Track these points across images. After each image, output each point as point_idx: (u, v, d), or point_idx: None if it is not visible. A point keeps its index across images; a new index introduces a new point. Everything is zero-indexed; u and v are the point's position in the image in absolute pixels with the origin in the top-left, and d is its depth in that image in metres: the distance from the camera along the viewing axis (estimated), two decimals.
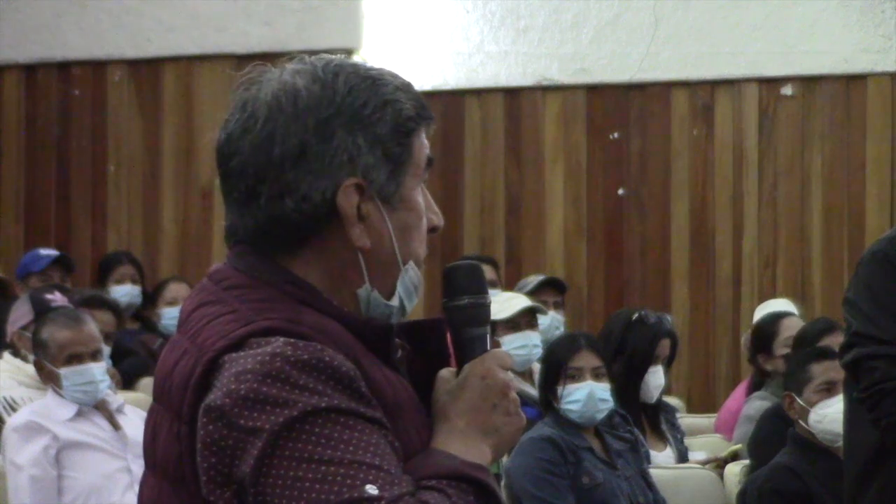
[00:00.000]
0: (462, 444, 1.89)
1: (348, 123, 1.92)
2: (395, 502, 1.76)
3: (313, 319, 1.88)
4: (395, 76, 1.98)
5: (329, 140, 1.92)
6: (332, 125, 1.92)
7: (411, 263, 1.97)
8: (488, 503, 1.86)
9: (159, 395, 1.95)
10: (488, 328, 2.00)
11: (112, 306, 6.85)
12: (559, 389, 5.22)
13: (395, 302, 1.96)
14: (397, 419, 1.87)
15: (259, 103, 1.94)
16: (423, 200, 1.99)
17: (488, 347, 1.98)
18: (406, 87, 1.97)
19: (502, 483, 5.16)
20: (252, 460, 1.77)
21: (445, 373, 1.98)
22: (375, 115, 1.93)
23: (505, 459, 5.21)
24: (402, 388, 1.92)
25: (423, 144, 1.98)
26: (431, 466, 1.85)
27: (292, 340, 1.82)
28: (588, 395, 5.19)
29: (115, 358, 6.53)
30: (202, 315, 1.92)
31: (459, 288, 2.00)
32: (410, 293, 1.98)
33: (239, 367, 1.81)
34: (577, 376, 5.23)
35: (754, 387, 6.64)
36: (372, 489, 1.75)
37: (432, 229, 2.00)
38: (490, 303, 2.03)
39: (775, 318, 6.70)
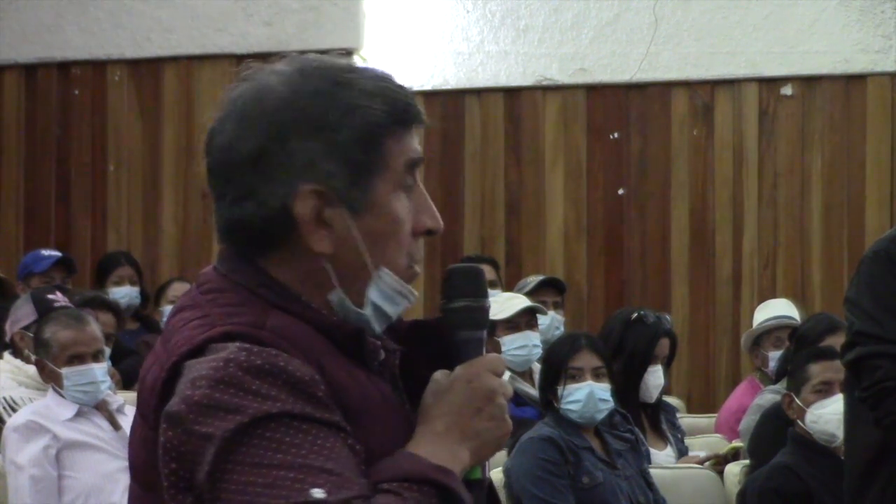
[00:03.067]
0: (436, 446, 1.87)
1: (307, 129, 1.90)
2: None
3: (279, 323, 1.87)
4: (377, 79, 1.94)
5: (286, 145, 1.90)
6: (290, 130, 1.90)
7: (385, 270, 1.93)
8: None
9: (137, 400, 1.96)
10: (484, 332, 1.99)
11: (113, 307, 6.86)
12: (559, 389, 5.21)
13: (367, 310, 1.94)
14: (363, 421, 1.86)
15: (235, 104, 1.94)
16: (405, 205, 1.95)
17: (483, 351, 1.97)
18: (384, 90, 1.92)
19: (502, 483, 5.16)
20: (207, 466, 1.77)
21: (439, 374, 1.96)
22: (338, 120, 1.90)
23: (505, 459, 5.21)
24: (374, 390, 1.91)
25: (404, 149, 1.94)
26: (395, 468, 1.83)
27: (247, 346, 1.81)
28: (588, 395, 5.19)
29: (115, 358, 6.53)
30: (178, 320, 1.93)
31: (456, 290, 1.99)
32: (392, 299, 1.95)
33: (195, 374, 1.81)
34: (577, 376, 5.22)
35: (778, 376, 6.57)
36: (318, 492, 1.74)
37: (427, 232, 1.97)
38: (488, 307, 2.01)
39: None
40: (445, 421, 1.89)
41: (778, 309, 7.32)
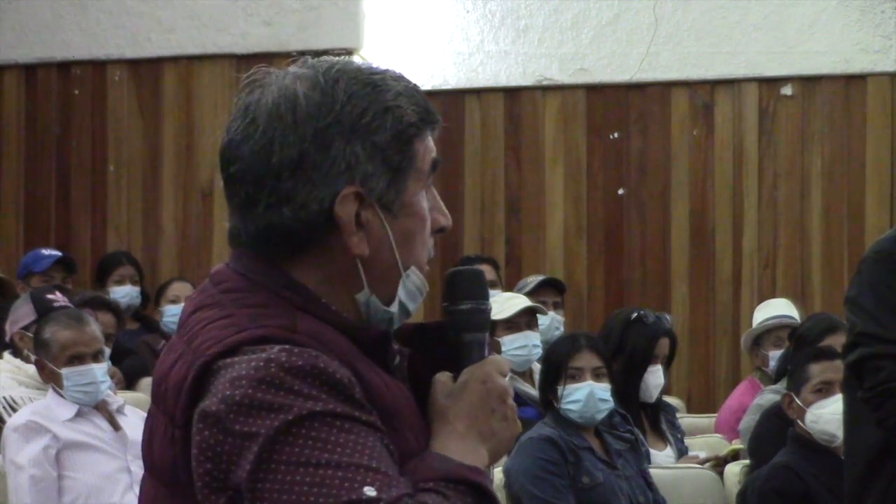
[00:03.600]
0: (461, 446, 1.90)
1: (346, 132, 1.91)
2: (395, 503, 1.76)
3: (308, 326, 1.88)
4: (400, 80, 1.96)
5: (327, 149, 1.91)
6: (329, 134, 1.91)
7: (413, 269, 1.96)
8: None
9: (155, 397, 1.95)
10: (486, 334, 2.01)
11: (112, 307, 6.86)
12: (559, 389, 5.21)
13: (394, 308, 1.96)
14: (394, 423, 1.88)
15: (260, 109, 1.93)
16: (427, 203, 1.98)
17: (486, 353, 1.99)
18: (410, 92, 1.95)
19: (502, 483, 5.16)
20: (248, 465, 1.77)
21: (442, 376, 1.97)
22: (375, 122, 1.92)
23: (505, 459, 5.21)
24: (399, 393, 1.92)
25: (429, 148, 1.97)
26: (429, 469, 1.85)
27: (287, 347, 1.82)
28: (588, 395, 5.19)
29: (116, 358, 6.53)
30: (199, 318, 1.92)
31: (461, 292, 2.01)
32: (414, 296, 1.98)
33: (234, 373, 1.81)
34: (577, 376, 5.22)
35: (778, 376, 6.57)
36: (370, 490, 1.75)
37: (440, 230, 2.01)
38: (490, 309, 2.03)
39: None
40: (465, 422, 1.92)
41: (778, 309, 7.33)
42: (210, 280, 1.99)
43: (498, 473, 5.13)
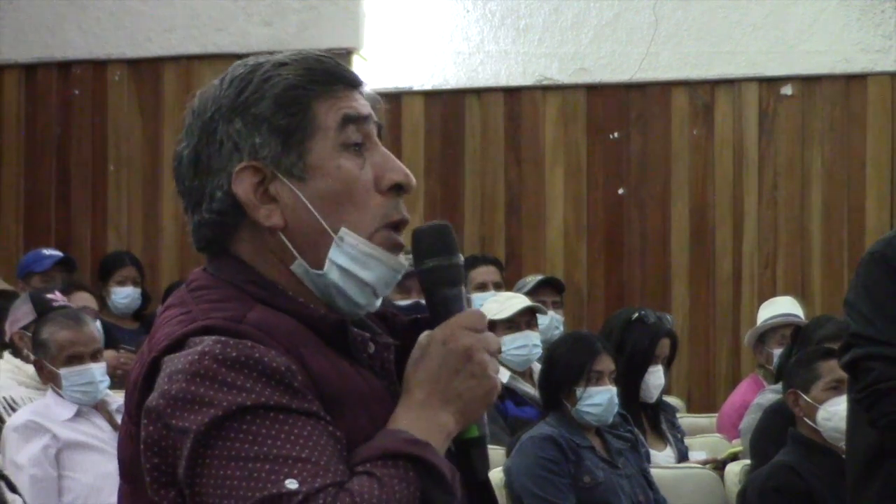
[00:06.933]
0: (415, 417, 1.86)
1: (227, 114, 1.94)
2: (315, 494, 1.76)
3: (259, 316, 1.88)
4: (292, 54, 1.97)
5: (213, 137, 1.94)
6: (213, 123, 1.94)
7: (345, 230, 1.92)
8: (433, 478, 1.82)
9: (124, 397, 1.98)
10: (461, 288, 1.96)
11: (87, 287, 6.87)
12: (578, 391, 5.19)
13: (330, 273, 1.93)
14: (345, 410, 1.86)
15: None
16: (355, 162, 1.94)
17: (464, 307, 1.94)
18: (296, 60, 1.95)
19: (502, 482, 5.15)
20: (184, 461, 1.79)
21: (422, 337, 1.94)
22: (253, 96, 1.93)
23: (505, 458, 5.21)
24: (359, 380, 1.90)
25: (336, 106, 1.94)
26: (371, 448, 1.83)
27: (223, 339, 1.82)
28: (609, 399, 5.20)
29: None
30: (163, 318, 1.96)
31: (424, 251, 1.96)
32: (364, 263, 1.93)
33: (172, 367, 1.83)
34: (599, 380, 5.22)
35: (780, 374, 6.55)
36: (291, 483, 1.75)
37: (396, 187, 1.95)
38: (459, 263, 1.97)
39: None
40: (424, 389, 1.88)
41: (783, 307, 7.32)
42: (185, 282, 2.02)
43: (498, 473, 5.13)
